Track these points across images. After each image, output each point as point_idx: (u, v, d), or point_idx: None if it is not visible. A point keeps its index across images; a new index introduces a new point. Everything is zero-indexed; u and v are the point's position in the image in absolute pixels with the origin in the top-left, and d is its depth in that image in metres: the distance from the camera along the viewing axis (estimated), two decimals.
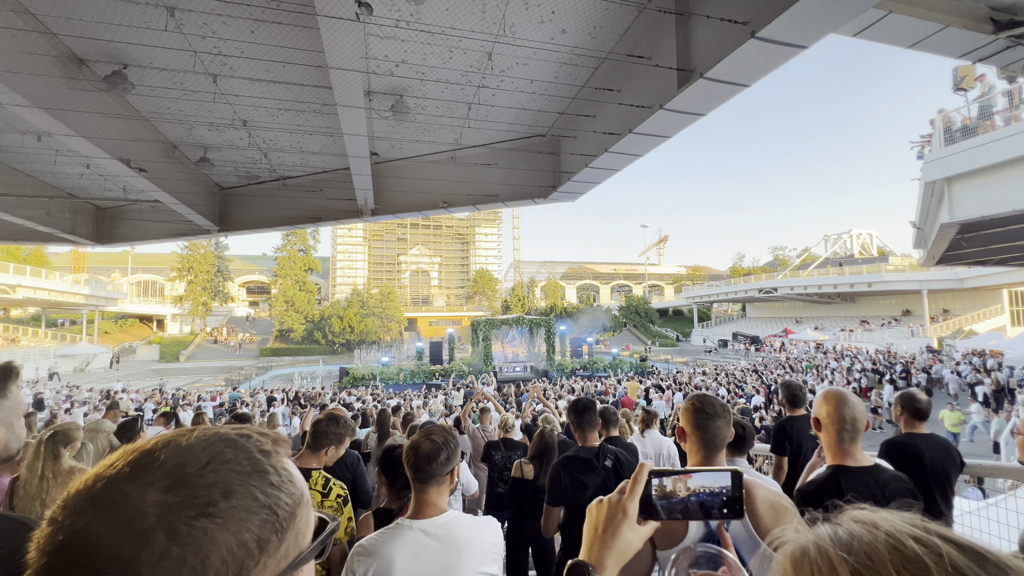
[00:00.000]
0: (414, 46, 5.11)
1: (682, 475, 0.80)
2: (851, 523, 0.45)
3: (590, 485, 2.35)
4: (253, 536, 0.44)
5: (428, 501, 1.52)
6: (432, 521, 1.48)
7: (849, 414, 1.68)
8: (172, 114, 6.46)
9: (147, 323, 49.09)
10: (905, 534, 0.41)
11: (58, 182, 8.70)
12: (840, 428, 1.68)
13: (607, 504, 0.81)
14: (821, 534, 0.45)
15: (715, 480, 0.80)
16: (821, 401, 1.76)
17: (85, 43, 4.89)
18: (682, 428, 1.52)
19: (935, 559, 0.38)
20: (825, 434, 1.73)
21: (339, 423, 2.31)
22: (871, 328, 35.39)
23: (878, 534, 0.42)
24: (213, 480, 0.44)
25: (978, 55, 5.13)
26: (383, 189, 8.36)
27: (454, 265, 62.85)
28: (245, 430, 0.51)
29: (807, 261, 50.03)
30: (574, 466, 2.45)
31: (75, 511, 0.41)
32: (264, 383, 29.62)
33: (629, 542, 0.77)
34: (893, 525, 0.42)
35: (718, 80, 4.13)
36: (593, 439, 2.59)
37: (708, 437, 1.46)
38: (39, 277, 31.87)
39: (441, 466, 1.52)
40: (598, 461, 2.43)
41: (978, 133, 10.78)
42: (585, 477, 2.38)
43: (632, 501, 0.79)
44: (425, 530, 1.45)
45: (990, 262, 19.15)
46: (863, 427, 1.69)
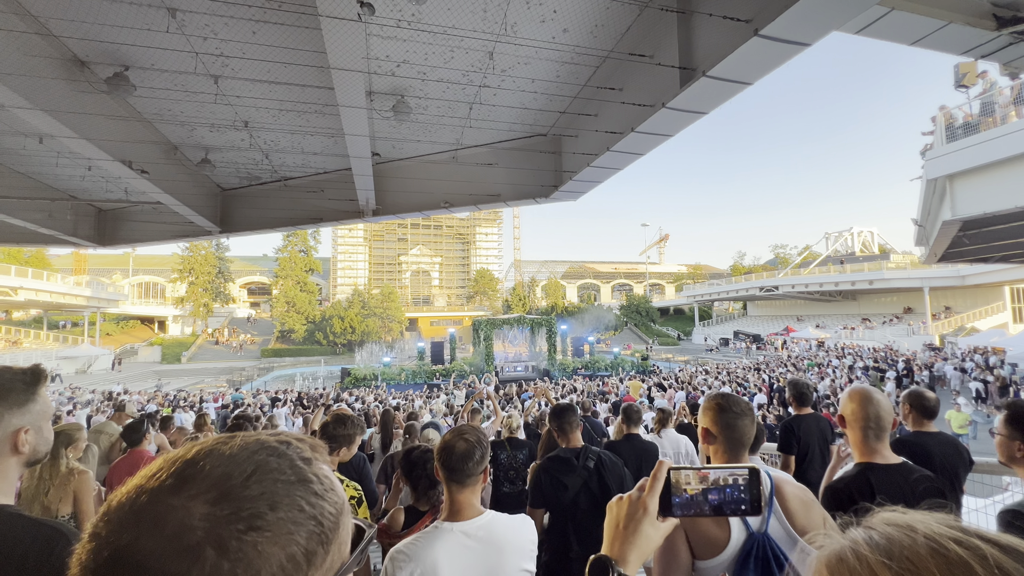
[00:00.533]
0: (415, 46, 5.10)
1: (700, 472, 0.82)
2: (886, 527, 0.43)
3: (570, 486, 2.33)
4: (301, 549, 0.43)
5: (465, 502, 1.50)
6: (473, 523, 1.47)
7: (874, 412, 1.67)
8: (173, 115, 6.46)
9: (148, 325, 49.15)
10: (945, 536, 0.40)
11: (60, 184, 8.70)
12: (865, 426, 1.67)
13: (627, 501, 0.83)
14: (857, 539, 0.44)
15: (733, 477, 0.81)
16: (847, 399, 1.75)
17: (86, 45, 4.88)
18: (706, 429, 1.48)
19: (980, 561, 0.38)
20: (851, 432, 1.72)
21: (347, 424, 2.30)
22: (873, 326, 35.36)
23: (917, 537, 0.41)
24: (259, 491, 0.42)
25: (980, 52, 5.12)
26: (384, 189, 8.35)
27: (455, 265, 62.85)
28: (284, 436, 0.50)
29: (808, 259, 49.99)
30: (554, 466, 2.43)
31: (120, 526, 0.39)
32: (266, 384, 29.67)
33: (649, 537, 0.80)
34: (931, 528, 0.41)
35: (720, 78, 4.12)
36: (576, 440, 2.56)
37: (736, 436, 1.43)
38: (41, 279, 31.94)
39: (476, 465, 1.51)
40: (578, 461, 2.41)
41: (980, 130, 10.76)
42: (565, 477, 2.36)
43: (652, 498, 0.80)
44: (466, 532, 1.44)
45: (992, 259, 19.11)
46: (889, 425, 1.69)
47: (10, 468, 1.02)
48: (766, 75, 4.11)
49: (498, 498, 4.01)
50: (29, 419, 1.03)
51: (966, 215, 11.18)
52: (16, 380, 1.03)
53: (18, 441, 1.01)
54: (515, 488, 3.95)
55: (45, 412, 1.08)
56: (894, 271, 34.65)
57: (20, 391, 1.03)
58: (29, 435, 1.03)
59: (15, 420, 1.01)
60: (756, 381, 17.74)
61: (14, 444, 1.01)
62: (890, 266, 35.84)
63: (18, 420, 1.02)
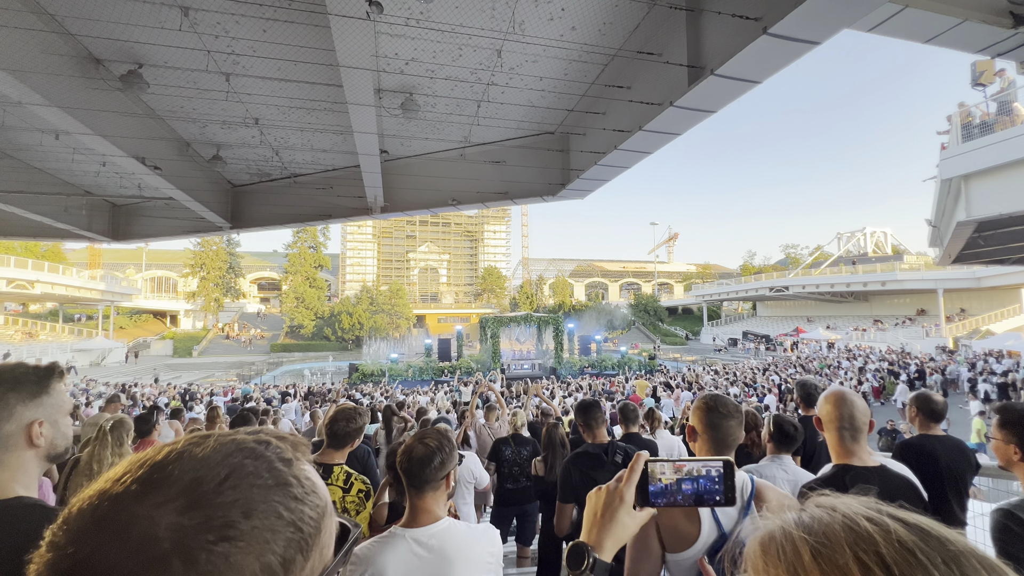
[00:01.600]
0: (424, 44, 5.12)
1: (676, 464, 0.85)
2: (814, 508, 0.48)
3: (600, 480, 2.34)
4: (278, 558, 0.41)
5: (422, 508, 1.47)
6: (426, 530, 1.44)
7: (847, 412, 1.67)
8: (186, 113, 6.55)
9: (161, 318, 49.90)
10: (859, 514, 0.44)
11: (75, 180, 8.86)
12: (840, 426, 1.68)
13: (605, 491, 0.87)
14: (787, 519, 0.48)
15: (708, 469, 0.84)
16: (822, 401, 1.77)
17: (102, 43, 4.97)
18: (692, 427, 1.51)
19: (883, 535, 0.42)
20: (827, 433, 1.73)
21: (353, 420, 2.32)
22: (885, 328, 34.89)
23: (835, 516, 0.45)
24: (233, 498, 0.40)
25: (997, 50, 5.03)
26: (393, 187, 8.40)
27: (463, 262, 62.99)
28: (263, 435, 0.47)
29: (819, 259, 49.40)
30: (584, 463, 2.46)
31: (79, 535, 0.37)
32: (275, 378, 29.99)
33: (625, 525, 0.84)
34: (850, 507, 0.46)
35: (729, 77, 4.09)
36: (602, 436, 2.60)
37: (720, 437, 1.44)
38: (56, 273, 32.55)
39: (435, 471, 1.47)
40: (607, 456, 2.44)
41: (996, 129, 10.55)
42: (595, 473, 2.39)
43: (628, 488, 0.84)
44: (417, 539, 1.42)
45: (1008, 261, 18.76)
46: (864, 426, 1.68)
47: (28, 461, 1.04)
48: (775, 74, 4.08)
49: (502, 495, 4.03)
50: (43, 412, 1.05)
51: (981, 216, 10.98)
52: (29, 373, 1.06)
53: (32, 434, 1.03)
54: (519, 485, 3.97)
55: (61, 407, 1.09)
56: (907, 272, 34.13)
57: (32, 383, 1.05)
58: (44, 428, 1.05)
59: (28, 412, 1.03)
60: (765, 382, 17.61)
61: (28, 437, 1.02)
62: (903, 267, 35.31)
63: (32, 413, 1.03)
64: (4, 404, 1.01)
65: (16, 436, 1.02)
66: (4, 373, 1.03)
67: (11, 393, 1.02)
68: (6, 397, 1.01)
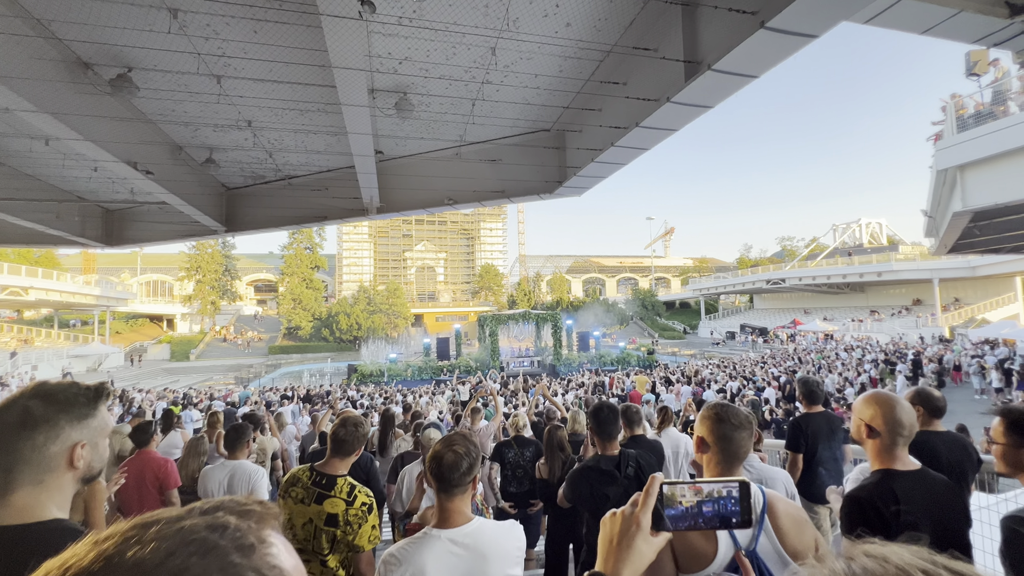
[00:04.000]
0: (417, 43, 5.07)
1: (692, 486, 0.83)
2: (864, 557, 0.46)
3: (611, 496, 2.29)
4: None
5: (454, 510, 1.55)
6: (460, 530, 1.52)
7: (908, 420, 1.61)
8: (177, 116, 6.47)
9: (157, 322, 49.63)
10: (914, 566, 0.43)
11: (67, 185, 8.76)
12: (897, 433, 1.60)
13: (620, 517, 0.84)
14: (836, 570, 0.46)
15: (724, 491, 0.82)
16: (873, 404, 1.66)
17: (90, 47, 4.89)
18: (701, 438, 1.45)
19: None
20: (877, 439, 1.64)
21: (359, 427, 2.29)
22: (881, 318, 35.06)
23: (888, 567, 0.43)
24: None
25: (993, 40, 5.01)
26: (388, 187, 8.34)
27: (460, 260, 62.90)
28: (222, 517, 0.40)
29: (815, 251, 49.58)
30: (594, 477, 2.36)
31: None
32: (273, 381, 29.90)
33: (643, 553, 0.81)
34: (902, 558, 0.44)
35: (726, 72, 4.06)
36: (614, 448, 2.48)
37: (732, 449, 1.40)
38: (50, 279, 32.30)
39: (464, 475, 1.55)
40: (620, 471, 2.36)
41: (991, 119, 10.56)
42: (606, 488, 2.31)
43: (644, 513, 0.81)
44: (453, 539, 1.50)
45: (1003, 250, 18.86)
46: (915, 432, 1.64)
47: (66, 482, 1.02)
48: (773, 68, 4.05)
49: (506, 498, 4.00)
50: (87, 434, 1.04)
51: (977, 206, 11.01)
52: (79, 395, 1.04)
53: (74, 455, 1.02)
54: (522, 488, 3.95)
55: (103, 429, 1.09)
56: (903, 263, 34.27)
57: (82, 405, 1.04)
58: (85, 450, 1.03)
59: (74, 434, 1.02)
60: (764, 375, 17.66)
61: (70, 459, 1.01)
62: (899, 257, 35.45)
63: (77, 435, 1.02)
64: (54, 425, 1.00)
65: (59, 457, 1.01)
66: (58, 393, 1.02)
67: (62, 414, 1.01)
68: (57, 418, 1.00)
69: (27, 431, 0.97)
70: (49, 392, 1.01)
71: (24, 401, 0.99)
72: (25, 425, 0.97)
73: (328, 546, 2.08)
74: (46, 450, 0.98)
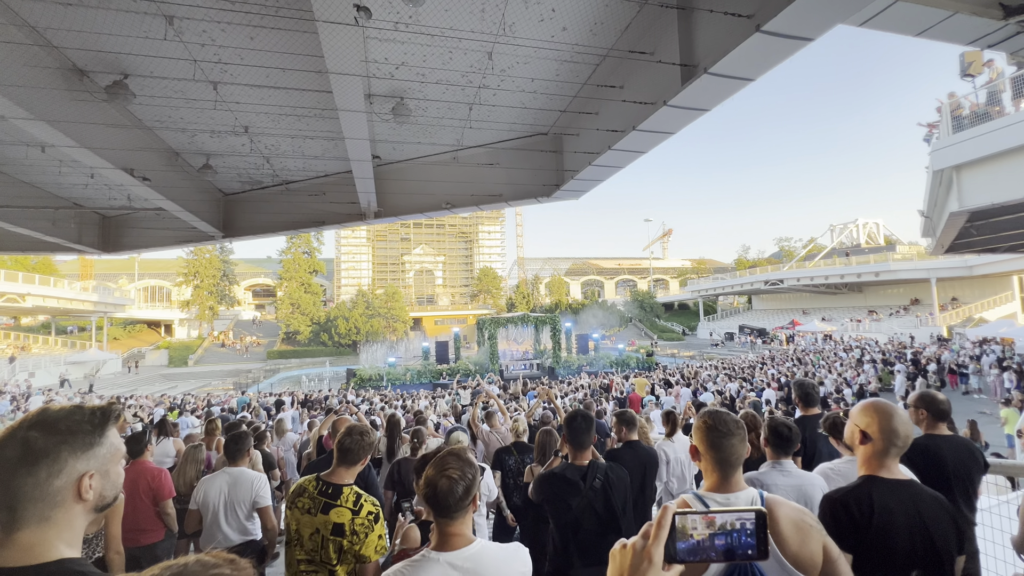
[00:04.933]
0: (414, 48, 5.07)
1: (704, 517, 0.79)
2: None
3: (574, 506, 2.26)
4: None
5: (453, 532, 1.49)
6: (460, 553, 1.46)
7: (904, 431, 1.60)
8: (174, 122, 6.46)
9: (155, 328, 49.45)
10: None
11: (63, 192, 8.74)
12: (891, 443, 1.60)
13: (631, 550, 0.79)
14: None
15: (741, 522, 0.79)
16: (870, 412, 1.66)
17: (85, 55, 4.88)
18: (695, 447, 1.46)
19: None
20: (870, 446, 1.64)
21: (364, 436, 2.27)
22: (879, 318, 35.11)
23: None
24: None
25: (987, 41, 5.03)
26: (386, 191, 8.34)
27: (458, 264, 62.86)
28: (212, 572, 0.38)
29: (813, 252, 49.70)
30: (559, 485, 2.34)
31: None
32: (272, 386, 29.80)
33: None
34: None
35: (722, 75, 4.07)
36: (584, 457, 2.44)
37: (723, 456, 1.40)
38: (48, 285, 32.20)
39: (461, 500, 1.48)
40: (585, 482, 2.32)
41: (986, 120, 10.60)
42: (569, 498, 2.28)
43: (657, 547, 0.77)
44: (452, 563, 1.43)
45: (1000, 249, 18.91)
46: (909, 443, 1.63)
47: (75, 516, 0.95)
48: (769, 71, 4.06)
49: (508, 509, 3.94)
50: (95, 464, 0.98)
51: (974, 206, 11.03)
52: (83, 422, 0.97)
53: (81, 488, 0.95)
54: (523, 498, 3.86)
55: (114, 455, 1.02)
56: (900, 262, 34.35)
57: (86, 433, 0.97)
58: (94, 480, 0.97)
59: (79, 466, 0.95)
60: (763, 377, 17.65)
61: (77, 491, 0.95)
62: (896, 257, 35.54)
63: (83, 465, 0.95)
64: (55, 458, 0.92)
65: (65, 491, 0.93)
66: (59, 422, 0.95)
67: (64, 446, 0.94)
68: (58, 450, 0.93)
69: (26, 466, 0.91)
70: (50, 421, 0.95)
71: (23, 432, 0.93)
72: (25, 460, 0.91)
73: (336, 556, 2.06)
74: (49, 486, 0.92)
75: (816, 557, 1.26)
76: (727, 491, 1.39)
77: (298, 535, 2.14)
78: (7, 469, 0.91)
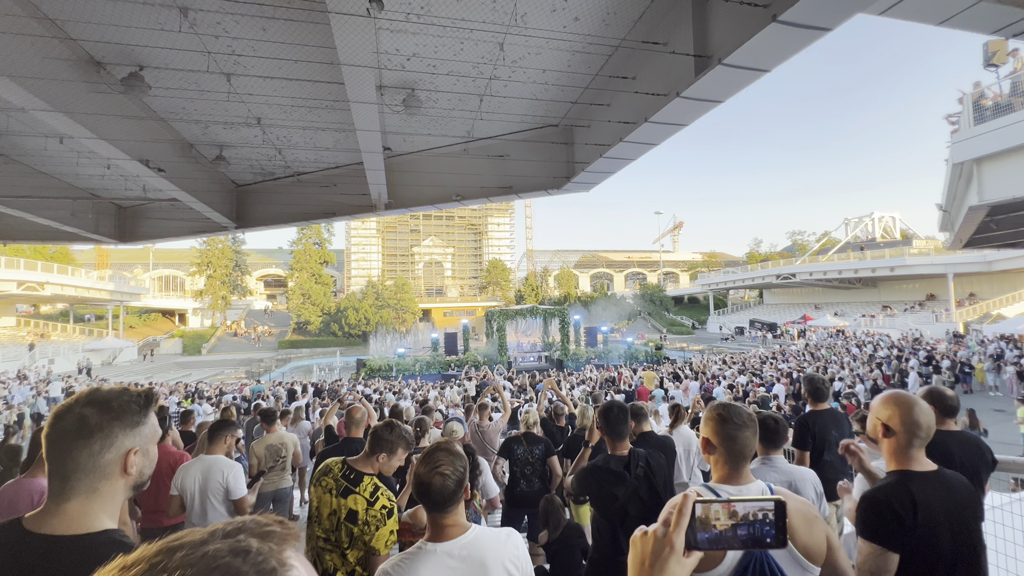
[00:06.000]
0: (425, 39, 5.06)
1: (726, 507, 0.80)
2: None
3: (620, 496, 2.29)
4: None
5: (448, 523, 1.52)
6: (456, 543, 1.49)
7: (926, 421, 1.59)
8: (188, 114, 6.53)
9: (169, 317, 50.33)
10: None
11: (81, 183, 8.90)
12: (915, 435, 1.58)
13: (652, 537, 0.80)
14: None
15: (762, 512, 0.80)
16: (892, 404, 1.64)
17: (102, 47, 4.95)
18: (707, 439, 1.45)
19: None
20: (893, 439, 1.62)
21: (393, 430, 2.29)
22: (894, 313, 34.56)
23: None
24: None
25: (1012, 31, 4.88)
26: (396, 183, 8.37)
27: (467, 255, 62.96)
28: (243, 541, 0.41)
29: (827, 246, 48.95)
30: (603, 477, 2.36)
31: None
32: (284, 375, 30.23)
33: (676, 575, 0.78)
34: None
35: (737, 66, 4.01)
36: (624, 447, 2.45)
37: (737, 449, 1.40)
38: (65, 274, 32.86)
39: (453, 494, 1.52)
40: (629, 472, 2.34)
41: (1009, 111, 10.32)
42: (615, 488, 2.31)
43: (678, 534, 0.78)
44: (449, 552, 1.47)
45: (1021, 244, 18.49)
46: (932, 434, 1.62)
47: (118, 491, 1.04)
48: (785, 62, 3.99)
49: (513, 497, 4.01)
50: (139, 441, 1.06)
51: (994, 200, 10.80)
52: (131, 402, 1.05)
53: (128, 462, 1.03)
54: (531, 487, 3.94)
55: (153, 435, 1.10)
56: (916, 257, 33.71)
57: (134, 412, 1.05)
58: (137, 457, 1.05)
59: (127, 442, 1.03)
60: (772, 372, 17.52)
61: (124, 466, 1.03)
62: (912, 252, 34.87)
63: (130, 441, 1.02)
64: (108, 433, 1.00)
65: (114, 464, 1.02)
66: (111, 401, 1.03)
67: (116, 422, 1.02)
68: (111, 426, 1.01)
69: (83, 439, 0.98)
70: (103, 399, 1.03)
71: (79, 409, 1.00)
72: (81, 433, 0.98)
73: (347, 540, 2.11)
74: (101, 458, 1.00)
75: (822, 546, 1.28)
76: (738, 483, 1.40)
77: (318, 513, 2.20)
78: (65, 440, 0.99)
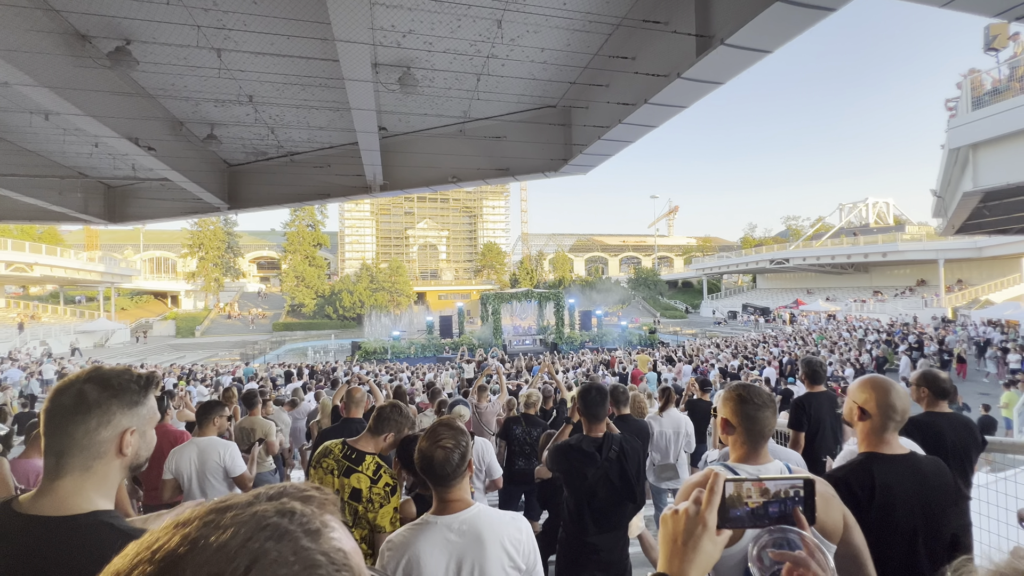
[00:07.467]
0: (422, 15, 4.94)
1: (757, 485, 0.81)
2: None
3: (590, 476, 2.32)
4: None
5: (452, 498, 1.56)
6: (456, 517, 1.53)
7: (902, 406, 1.61)
8: (178, 91, 6.37)
9: (162, 299, 49.93)
10: None
11: (68, 161, 8.70)
12: (889, 418, 1.61)
13: (684, 516, 0.80)
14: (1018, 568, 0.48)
15: (791, 491, 0.81)
16: (869, 388, 1.66)
17: (88, 19, 4.78)
18: (726, 420, 1.45)
19: None
20: (868, 422, 1.65)
21: (401, 411, 2.33)
22: (884, 299, 35.01)
23: None
24: None
25: (1016, 13, 4.80)
26: (392, 164, 8.25)
27: (462, 238, 62.66)
28: (287, 503, 0.43)
29: (820, 231, 49.17)
30: (575, 456, 2.40)
31: None
32: (278, 357, 30.24)
33: (710, 554, 0.78)
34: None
35: (740, 47, 3.95)
36: (599, 429, 2.48)
37: (757, 429, 1.41)
38: (55, 255, 32.38)
39: (457, 468, 1.55)
40: (600, 454, 2.37)
41: (1007, 96, 10.29)
42: (585, 468, 2.34)
43: (711, 512, 0.78)
44: (449, 525, 1.51)
45: (1012, 231, 18.67)
46: (907, 418, 1.65)
47: (113, 471, 1.04)
48: (788, 42, 3.94)
49: (511, 474, 4.09)
50: (137, 421, 1.05)
51: (989, 186, 10.85)
52: (131, 382, 1.05)
53: (123, 442, 1.03)
54: (530, 465, 4.01)
55: (152, 418, 1.10)
56: (908, 243, 33.99)
57: (134, 392, 1.05)
58: (134, 437, 1.05)
59: (124, 421, 1.03)
60: (764, 355, 17.76)
61: (120, 445, 1.03)
62: (904, 238, 35.16)
63: (127, 421, 1.03)
64: (106, 410, 1.00)
65: (110, 443, 1.01)
66: (111, 379, 1.03)
67: (114, 400, 1.02)
68: (109, 404, 1.01)
69: (81, 415, 0.98)
70: (104, 377, 1.03)
71: (79, 385, 1.00)
72: (79, 409, 0.98)
73: (351, 519, 2.15)
74: (97, 435, 1.00)
75: (838, 524, 1.30)
76: (756, 462, 1.41)
77: None
78: (63, 415, 0.98)
